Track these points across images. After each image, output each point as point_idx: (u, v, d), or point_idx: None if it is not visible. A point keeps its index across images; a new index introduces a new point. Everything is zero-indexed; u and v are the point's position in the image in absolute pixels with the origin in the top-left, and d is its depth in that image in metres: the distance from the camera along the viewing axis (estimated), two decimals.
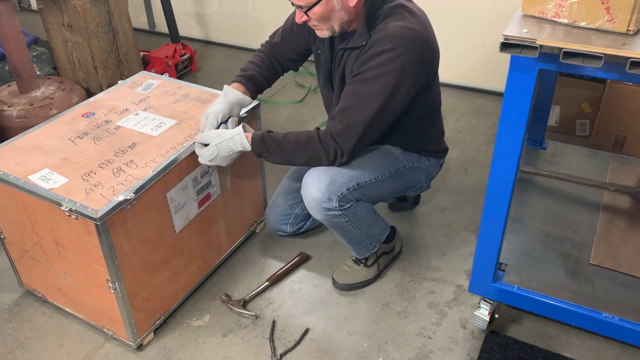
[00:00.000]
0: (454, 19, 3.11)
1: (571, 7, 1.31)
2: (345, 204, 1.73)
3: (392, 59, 1.55)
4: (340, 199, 1.71)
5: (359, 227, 1.83)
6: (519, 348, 1.77)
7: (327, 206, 1.71)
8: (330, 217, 1.75)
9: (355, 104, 1.60)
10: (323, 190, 1.69)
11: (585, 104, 2.74)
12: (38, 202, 1.59)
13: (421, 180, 1.97)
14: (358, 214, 1.79)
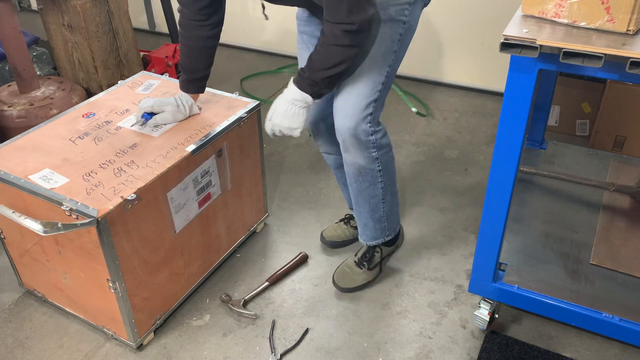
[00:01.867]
0: (454, 19, 3.12)
1: (571, 7, 1.31)
2: (379, 129, 1.68)
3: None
4: (372, 120, 1.65)
5: (385, 189, 1.80)
6: (519, 348, 1.77)
7: (361, 133, 1.64)
8: (365, 155, 1.68)
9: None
10: (353, 113, 1.63)
11: (585, 104, 2.74)
12: (39, 202, 1.59)
13: None
14: (389, 166, 1.77)
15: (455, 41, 3.18)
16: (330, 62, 1.53)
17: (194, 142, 1.77)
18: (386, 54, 1.64)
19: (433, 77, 3.38)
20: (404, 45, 1.71)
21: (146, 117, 1.84)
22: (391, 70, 1.68)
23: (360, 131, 1.65)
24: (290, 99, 1.60)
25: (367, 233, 1.94)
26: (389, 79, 1.68)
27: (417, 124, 3.00)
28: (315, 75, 1.56)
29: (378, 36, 1.62)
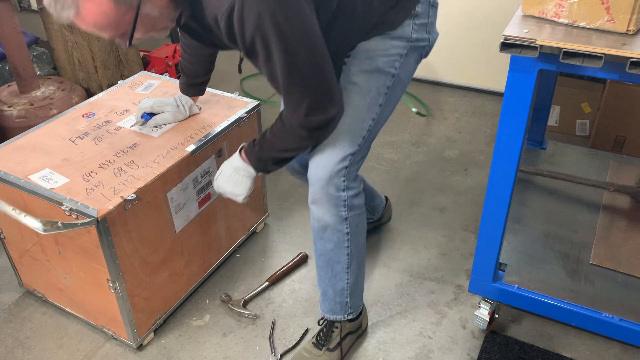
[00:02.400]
0: (454, 19, 3.12)
1: (571, 7, 1.31)
2: (354, 186, 1.51)
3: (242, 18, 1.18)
4: (347, 177, 1.48)
5: (351, 257, 1.59)
6: (519, 348, 1.77)
7: (334, 192, 1.48)
8: (335, 214, 1.50)
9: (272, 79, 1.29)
10: (329, 168, 1.46)
11: (585, 104, 2.74)
12: (39, 202, 1.59)
13: (423, 45, 1.54)
14: (359, 232, 1.58)
15: (455, 41, 3.18)
16: (284, 146, 1.44)
17: (194, 142, 1.77)
18: (370, 106, 1.48)
19: (433, 77, 3.38)
20: (392, 98, 1.53)
21: (146, 117, 1.84)
22: (374, 124, 1.51)
23: (332, 184, 1.47)
24: (234, 167, 1.52)
25: (325, 304, 1.69)
26: (371, 133, 1.51)
27: (417, 124, 3.00)
28: (264, 154, 1.47)
29: (364, 87, 1.47)
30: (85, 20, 1.17)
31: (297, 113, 1.33)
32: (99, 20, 1.17)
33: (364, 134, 1.48)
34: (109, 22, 1.18)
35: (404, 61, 1.48)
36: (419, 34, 1.49)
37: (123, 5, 1.17)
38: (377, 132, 1.55)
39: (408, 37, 1.46)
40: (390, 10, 1.42)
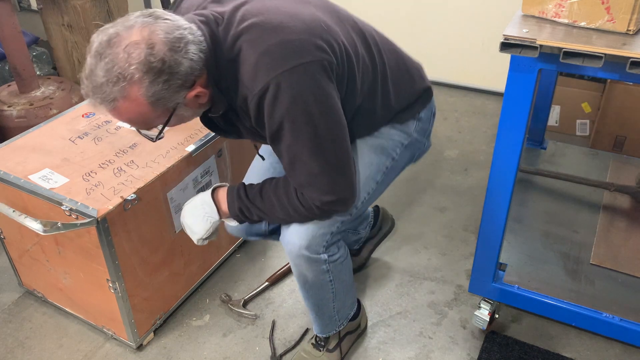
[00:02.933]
0: (454, 19, 3.11)
1: (571, 7, 1.31)
2: (335, 252, 1.47)
3: (272, 104, 1.17)
4: (328, 246, 1.44)
5: (337, 291, 1.55)
6: (519, 348, 1.77)
7: (314, 257, 1.42)
8: (315, 271, 1.46)
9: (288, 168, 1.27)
10: (309, 237, 1.40)
11: (585, 104, 2.74)
12: (39, 202, 1.59)
13: (419, 148, 1.58)
14: (342, 274, 1.53)
15: (455, 41, 3.18)
16: (276, 215, 1.36)
17: (193, 142, 1.77)
18: (368, 180, 1.47)
19: (433, 77, 3.36)
20: (386, 181, 1.53)
21: None
22: (368, 198, 1.48)
23: (312, 252, 1.42)
24: (202, 200, 1.42)
25: (316, 326, 1.67)
26: (363, 205, 1.48)
27: None
28: (253, 211, 1.36)
29: (366, 159, 1.46)
30: (120, 114, 1.17)
31: (314, 194, 1.29)
32: (133, 117, 1.18)
33: (358, 205, 1.44)
34: (143, 120, 1.20)
35: (403, 151, 1.52)
36: (419, 135, 1.54)
37: (160, 108, 1.17)
38: (367, 207, 1.53)
39: (410, 132, 1.51)
40: (402, 110, 1.48)
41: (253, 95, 1.18)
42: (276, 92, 1.15)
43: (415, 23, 3.24)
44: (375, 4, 3.29)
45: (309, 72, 1.17)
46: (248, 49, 1.17)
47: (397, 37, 3.57)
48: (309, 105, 1.18)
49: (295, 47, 1.17)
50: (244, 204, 1.36)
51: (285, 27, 1.19)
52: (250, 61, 1.17)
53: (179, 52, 1.12)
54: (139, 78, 1.09)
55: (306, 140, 1.21)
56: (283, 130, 1.20)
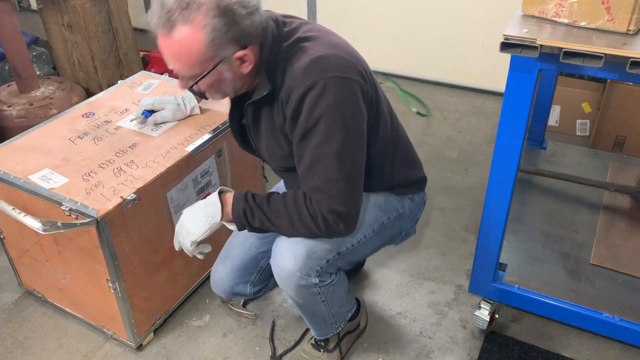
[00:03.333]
0: (454, 19, 3.12)
1: (571, 7, 1.31)
2: (327, 279, 1.46)
3: (316, 100, 1.23)
4: (321, 274, 1.43)
5: (330, 305, 1.54)
6: (519, 348, 1.77)
7: (304, 283, 1.42)
8: (305, 294, 1.46)
9: (307, 166, 1.29)
10: (300, 264, 1.39)
11: (585, 104, 2.74)
12: (38, 202, 1.59)
13: (406, 227, 1.64)
14: (335, 293, 1.52)
15: (455, 41, 3.18)
16: (279, 223, 1.35)
17: (193, 142, 1.77)
18: (366, 225, 1.50)
19: (433, 77, 3.37)
20: (378, 237, 1.55)
21: (146, 114, 1.84)
22: (362, 244, 1.50)
23: (304, 274, 1.41)
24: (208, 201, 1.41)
25: (313, 330, 1.67)
26: (357, 249, 1.49)
27: (417, 124, 3.00)
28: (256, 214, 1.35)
29: (367, 206, 1.50)
30: (172, 43, 1.19)
31: (325, 200, 1.29)
32: (182, 51, 1.20)
33: (354, 242, 1.47)
34: (189, 58, 1.21)
35: (395, 218, 1.56)
36: (410, 214, 1.60)
37: (210, 50, 1.20)
38: (359, 254, 1.54)
39: (405, 207, 1.57)
40: (401, 185, 1.55)
41: (300, 88, 1.24)
42: (322, 91, 1.23)
43: (415, 23, 3.24)
44: (375, 4, 3.29)
45: (353, 88, 1.27)
46: (307, 50, 1.28)
47: (397, 36, 3.57)
48: (347, 113, 1.25)
49: (348, 64, 1.28)
50: (249, 206, 1.36)
51: (341, 47, 1.32)
52: (305, 60, 1.26)
53: (247, 9, 1.20)
54: (206, 10, 1.16)
55: (335, 143, 1.25)
56: (317, 127, 1.25)
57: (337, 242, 1.44)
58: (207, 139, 1.79)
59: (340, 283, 1.52)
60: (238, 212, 1.37)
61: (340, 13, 3.42)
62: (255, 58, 1.27)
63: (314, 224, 1.31)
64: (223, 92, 1.35)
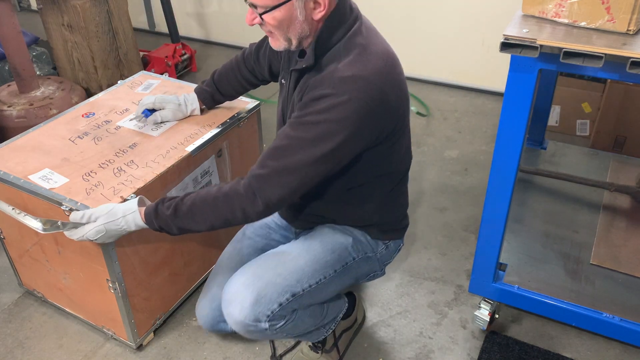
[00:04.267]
0: (454, 19, 3.12)
1: (571, 7, 1.31)
2: (279, 321, 1.40)
3: (332, 107, 1.24)
4: (272, 318, 1.37)
5: (303, 329, 1.51)
6: (519, 348, 1.77)
7: (254, 329, 1.38)
8: (262, 336, 1.43)
9: (283, 147, 1.29)
10: (247, 311, 1.35)
11: (585, 104, 2.74)
12: (38, 202, 1.59)
13: (374, 270, 1.60)
14: (299, 325, 1.46)
15: (455, 41, 3.18)
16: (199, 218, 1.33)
17: (193, 142, 1.77)
18: (327, 265, 1.45)
19: (433, 77, 3.38)
20: (343, 276, 1.50)
21: (146, 113, 1.83)
22: (322, 285, 1.44)
23: (251, 327, 1.38)
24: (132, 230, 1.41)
25: (304, 339, 1.66)
26: (316, 291, 1.43)
27: (417, 124, 3.00)
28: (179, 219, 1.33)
29: (329, 246, 1.47)
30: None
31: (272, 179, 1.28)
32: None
33: (312, 283, 1.42)
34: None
35: (362, 260, 1.53)
36: (380, 259, 1.58)
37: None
38: (319, 296, 1.47)
39: (375, 251, 1.56)
40: (381, 225, 1.54)
41: (329, 88, 1.25)
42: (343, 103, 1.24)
43: (415, 23, 3.24)
44: (375, 4, 3.29)
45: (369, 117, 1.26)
46: (360, 56, 1.28)
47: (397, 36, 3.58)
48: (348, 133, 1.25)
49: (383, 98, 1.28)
50: (163, 220, 1.35)
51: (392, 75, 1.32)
52: (352, 70, 1.26)
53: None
54: None
55: (319, 150, 1.26)
56: (316, 126, 1.25)
57: (291, 283, 1.39)
58: (207, 139, 1.79)
59: (300, 315, 1.45)
60: (155, 227, 1.37)
61: None
62: (327, 8, 1.27)
63: (240, 206, 1.29)
64: (286, 37, 1.32)
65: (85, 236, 1.41)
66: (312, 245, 1.48)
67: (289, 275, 1.40)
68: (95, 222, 1.40)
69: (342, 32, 1.30)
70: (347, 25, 1.31)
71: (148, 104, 1.83)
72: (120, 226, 1.40)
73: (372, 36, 1.34)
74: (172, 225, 1.35)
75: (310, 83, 1.31)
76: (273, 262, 1.44)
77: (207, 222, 1.34)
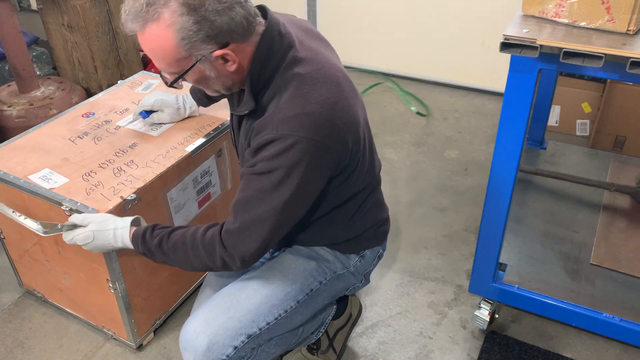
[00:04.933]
0: (454, 19, 3.12)
1: (571, 7, 1.31)
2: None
3: (280, 152, 1.16)
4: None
5: (276, 354, 1.45)
6: (519, 348, 1.77)
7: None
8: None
9: (245, 199, 1.22)
10: (200, 359, 1.30)
11: (585, 104, 2.74)
12: (38, 202, 1.59)
13: (352, 283, 1.52)
14: (265, 357, 1.41)
15: (455, 41, 3.18)
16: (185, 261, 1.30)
17: (193, 142, 1.77)
18: (288, 297, 1.39)
19: (433, 77, 3.37)
20: (309, 305, 1.44)
21: (144, 114, 1.83)
22: (284, 319, 1.38)
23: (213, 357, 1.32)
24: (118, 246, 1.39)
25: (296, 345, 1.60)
26: (277, 325, 1.37)
27: (417, 124, 3.00)
28: (161, 253, 1.32)
29: (291, 275, 1.40)
30: (145, 41, 1.15)
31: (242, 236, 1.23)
32: (155, 49, 1.15)
33: (270, 320, 1.35)
34: (163, 55, 1.16)
35: (335, 279, 1.46)
36: (356, 271, 1.50)
37: (183, 50, 1.13)
38: (283, 329, 1.41)
39: (348, 266, 1.48)
40: (351, 240, 1.46)
41: (272, 132, 1.17)
42: (290, 147, 1.16)
43: (415, 23, 3.24)
44: (375, 4, 3.29)
45: (324, 155, 1.19)
46: (300, 89, 1.19)
47: (397, 36, 3.57)
48: (305, 175, 1.18)
49: (333, 129, 1.18)
50: (147, 248, 1.34)
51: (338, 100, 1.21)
52: (294, 108, 1.17)
53: (223, 3, 1.11)
54: (173, 8, 1.09)
55: (279, 198, 1.19)
56: (270, 175, 1.18)
57: (246, 323, 1.33)
58: (207, 139, 1.79)
59: (265, 351, 1.40)
60: (139, 251, 1.36)
61: (340, 13, 3.42)
62: (243, 56, 1.19)
63: (220, 257, 1.25)
64: (213, 89, 1.27)
65: (74, 239, 1.40)
66: (271, 277, 1.40)
67: (243, 317, 1.33)
68: (87, 227, 1.39)
69: (275, 64, 1.21)
70: (279, 56, 1.21)
71: (147, 105, 1.82)
72: (107, 238, 1.37)
73: (312, 58, 1.24)
74: (156, 255, 1.33)
75: (255, 125, 1.23)
76: (227, 303, 1.36)
77: (187, 264, 1.31)
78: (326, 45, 1.37)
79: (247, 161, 1.24)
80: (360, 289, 1.59)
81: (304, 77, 1.20)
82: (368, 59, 3.49)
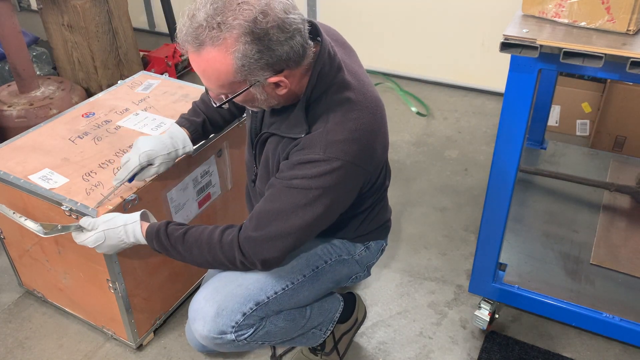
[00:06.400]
0: (454, 19, 3.12)
1: (571, 7, 1.31)
2: (247, 330, 1.36)
3: (324, 173, 1.20)
4: (238, 329, 1.34)
5: (283, 335, 1.46)
6: (519, 348, 1.77)
7: (221, 342, 1.35)
8: (234, 347, 1.39)
9: (275, 210, 1.24)
10: (210, 325, 1.33)
11: (585, 104, 2.74)
12: (38, 202, 1.59)
13: (355, 272, 1.55)
14: (273, 331, 1.42)
15: (455, 41, 3.18)
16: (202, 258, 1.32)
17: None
18: (294, 270, 1.42)
19: (433, 77, 3.37)
20: (315, 282, 1.46)
21: (131, 180, 1.58)
22: (290, 292, 1.41)
23: (219, 339, 1.35)
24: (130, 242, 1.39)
25: (298, 345, 1.62)
26: (284, 297, 1.39)
27: (417, 124, 3.00)
28: (176, 250, 1.33)
29: (301, 251, 1.43)
30: (199, 61, 1.14)
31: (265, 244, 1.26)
32: (209, 70, 1.15)
33: (277, 289, 1.38)
34: (217, 78, 1.16)
35: (339, 262, 1.50)
36: (360, 261, 1.54)
37: (240, 75, 1.14)
38: (290, 302, 1.42)
39: (353, 254, 1.52)
40: (356, 238, 1.51)
41: (318, 152, 1.20)
42: (332, 170, 1.20)
43: (415, 23, 3.24)
44: (375, 4, 3.29)
45: (358, 176, 1.26)
46: (348, 114, 1.22)
47: (397, 36, 3.57)
48: (339, 196, 1.24)
49: (370, 154, 1.25)
50: (162, 244, 1.34)
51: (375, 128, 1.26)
52: (342, 133, 1.20)
53: (286, 33, 1.11)
54: (237, 34, 1.08)
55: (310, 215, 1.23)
56: (306, 192, 1.22)
57: (254, 292, 1.36)
58: (207, 139, 1.78)
59: (272, 321, 1.41)
60: (153, 247, 1.36)
61: (340, 13, 3.42)
62: (293, 80, 1.20)
63: (239, 260, 1.28)
64: (257, 107, 1.28)
65: (85, 242, 1.41)
66: None
67: (251, 285, 1.36)
68: (97, 229, 1.39)
69: (325, 86, 1.23)
70: (330, 78, 1.23)
71: (134, 168, 1.49)
72: (119, 235, 1.38)
73: (359, 83, 1.27)
74: (171, 253, 1.34)
75: (302, 140, 1.24)
76: (235, 273, 1.39)
77: (205, 264, 1.34)
78: (350, 52, 1.39)
79: (281, 172, 1.26)
80: (362, 279, 1.62)
81: (353, 102, 1.23)
82: (368, 58, 3.47)
